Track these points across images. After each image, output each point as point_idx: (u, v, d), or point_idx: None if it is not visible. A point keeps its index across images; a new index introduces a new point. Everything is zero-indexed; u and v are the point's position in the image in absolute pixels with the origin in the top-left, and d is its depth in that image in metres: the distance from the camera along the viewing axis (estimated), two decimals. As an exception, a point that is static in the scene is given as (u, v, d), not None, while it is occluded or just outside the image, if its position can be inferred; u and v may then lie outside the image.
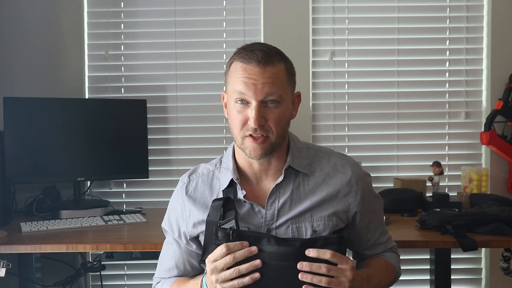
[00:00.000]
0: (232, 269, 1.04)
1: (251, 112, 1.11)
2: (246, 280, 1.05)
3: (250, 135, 1.13)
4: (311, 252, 1.05)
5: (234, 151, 1.24)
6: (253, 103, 1.11)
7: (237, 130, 1.15)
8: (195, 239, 1.25)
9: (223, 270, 1.05)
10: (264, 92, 1.10)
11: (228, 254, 1.05)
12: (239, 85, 1.12)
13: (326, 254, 1.04)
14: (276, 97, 1.12)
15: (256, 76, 1.10)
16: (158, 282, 1.32)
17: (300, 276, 1.04)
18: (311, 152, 1.25)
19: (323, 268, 1.03)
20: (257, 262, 1.05)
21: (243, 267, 1.04)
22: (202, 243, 1.20)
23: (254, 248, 1.06)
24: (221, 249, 1.05)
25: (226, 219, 1.13)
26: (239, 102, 1.13)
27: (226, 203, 1.15)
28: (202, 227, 1.20)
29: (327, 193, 1.21)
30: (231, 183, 1.21)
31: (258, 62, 1.11)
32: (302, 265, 1.04)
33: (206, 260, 1.08)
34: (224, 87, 1.21)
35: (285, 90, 1.14)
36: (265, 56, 1.11)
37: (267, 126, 1.13)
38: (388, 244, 1.34)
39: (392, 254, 1.34)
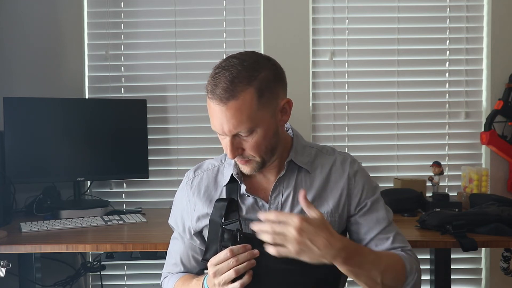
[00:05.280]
0: (231, 270, 1.05)
1: (227, 145, 1.12)
2: (246, 279, 1.05)
3: None
4: (262, 216, 1.01)
5: None
6: (227, 137, 1.11)
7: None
8: (199, 234, 1.26)
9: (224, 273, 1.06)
10: (231, 130, 1.09)
11: (231, 257, 1.06)
12: (211, 121, 1.12)
13: (271, 215, 1.00)
14: (245, 131, 1.09)
15: (220, 115, 1.08)
16: (166, 277, 1.35)
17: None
18: (313, 150, 1.26)
19: (270, 239, 0.98)
20: (253, 261, 1.07)
21: (241, 266, 1.05)
22: (206, 238, 1.20)
23: (256, 251, 1.07)
24: (225, 253, 1.06)
25: (230, 220, 1.14)
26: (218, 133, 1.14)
27: (230, 204, 1.16)
28: (206, 221, 1.21)
29: (328, 189, 1.21)
30: (235, 178, 1.22)
31: (220, 99, 1.06)
32: (256, 228, 1.00)
33: (209, 264, 1.09)
34: None
35: (256, 117, 1.08)
36: (226, 91, 1.06)
37: (246, 153, 1.13)
38: (397, 241, 1.22)
39: (405, 254, 1.20)
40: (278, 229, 0.98)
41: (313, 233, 0.97)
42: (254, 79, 1.07)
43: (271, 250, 0.98)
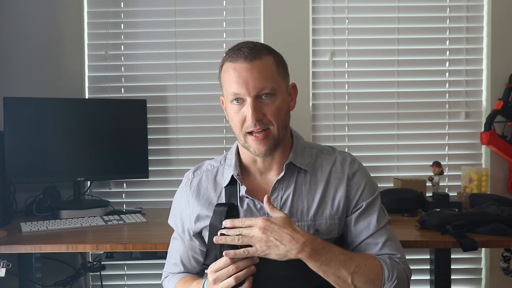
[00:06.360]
0: (231, 277, 1.05)
1: (248, 109, 1.12)
2: (246, 286, 1.05)
3: (251, 132, 1.14)
4: (227, 223, 1.07)
5: (238, 148, 1.25)
6: (248, 100, 1.12)
7: (238, 130, 1.16)
8: (198, 235, 1.26)
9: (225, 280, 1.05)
10: (257, 87, 1.11)
11: (231, 264, 1.05)
12: (232, 86, 1.13)
13: (239, 222, 1.06)
14: (269, 90, 1.12)
15: (246, 73, 1.11)
16: (167, 277, 1.35)
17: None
18: (314, 151, 1.26)
19: (236, 240, 1.05)
20: (253, 267, 1.06)
21: (241, 273, 1.05)
22: (206, 239, 1.20)
23: (256, 257, 1.06)
24: (224, 260, 1.05)
25: None
26: (235, 102, 1.14)
27: (230, 210, 1.14)
28: (205, 222, 1.21)
29: (328, 191, 1.20)
30: (235, 180, 1.21)
31: (245, 58, 1.12)
32: (217, 239, 1.06)
33: (209, 270, 1.09)
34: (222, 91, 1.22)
35: (277, 82, 1.15)
36: (251, 52, 1.12)
37: (266, 120, 1.13)
38: (387, 247, 1.18)
39: (387, 260, 1.15)
40: (245, 232, 1.04)
41: (276, 230, 1.03)
42: (271, 52, 1.17)
43: (240, 251, 1.04)
